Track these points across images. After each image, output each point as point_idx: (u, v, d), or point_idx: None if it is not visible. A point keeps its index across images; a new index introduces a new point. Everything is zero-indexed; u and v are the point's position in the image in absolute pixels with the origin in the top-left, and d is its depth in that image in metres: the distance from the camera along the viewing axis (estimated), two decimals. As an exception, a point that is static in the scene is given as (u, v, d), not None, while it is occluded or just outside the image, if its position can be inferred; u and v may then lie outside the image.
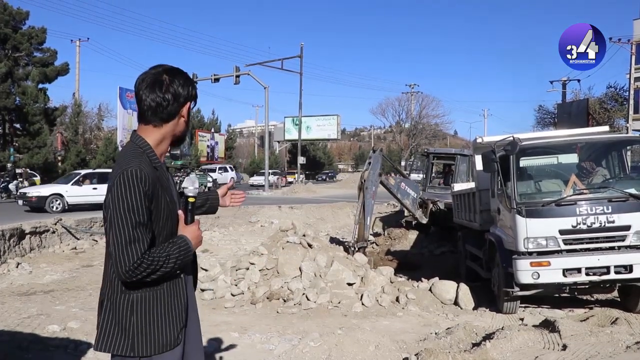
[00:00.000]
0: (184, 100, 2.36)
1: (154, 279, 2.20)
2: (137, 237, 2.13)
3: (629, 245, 7.46)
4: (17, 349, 5.73)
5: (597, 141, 8.75)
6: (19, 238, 13.06)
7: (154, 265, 2.16)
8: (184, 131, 2.44)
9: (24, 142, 39.59)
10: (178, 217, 2.36)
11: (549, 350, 5.61)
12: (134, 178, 2.15)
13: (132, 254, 2.11)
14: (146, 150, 2.31)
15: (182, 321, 2.34)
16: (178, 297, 2.33)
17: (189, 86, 2.38)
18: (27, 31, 40.43)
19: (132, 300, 2.24)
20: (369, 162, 13.47)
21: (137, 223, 2.14)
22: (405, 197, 14.72)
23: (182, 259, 2.26)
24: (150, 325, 2.25)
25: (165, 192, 2.29)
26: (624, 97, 39.70)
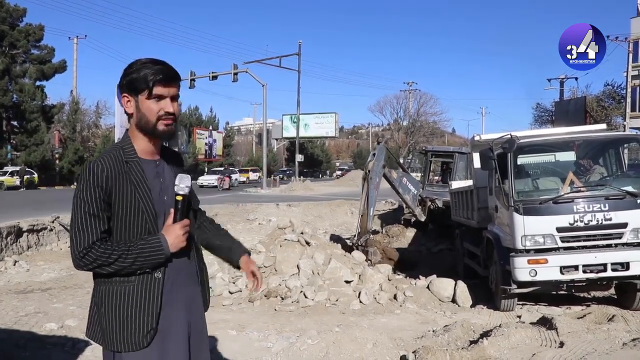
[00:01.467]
0: (121, 92, 2.33)
1: (110, 271, 2.20)
2: (85, 227, 2.17)
3: (625, 243, 7.47)
4: (14, 347, 5.72)
5: (594, 139, 8.76)
6: (16, 236, 13.04)
7: (105, 257, 2.17)
8: (137, 123, 2.32)
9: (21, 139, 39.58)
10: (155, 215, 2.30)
11: (546, 348, 5.62)
12: (88, 171, 2.20)
13: (79, 243, 2.16)
14: (123, 145, 2.32)
15: (149, 324, 2.25)
16: (151, 298, 2.26)
17: (122, 77, 2.31)
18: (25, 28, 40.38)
19: (102, 291, 2.27)
20: (373, 153, 13.62)
21: (86, 213, 2.17)
22: (406, 193, 14.75)
23: (146, 257, 2.22)
24: (116, 320, 2.24)
25: (135, 186, 2.25)
26: (622, 95, 39.76)
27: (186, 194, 2.36)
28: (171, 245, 2.27)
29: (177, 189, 2.34)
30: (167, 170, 2.42)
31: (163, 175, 2.39)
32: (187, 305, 2.41)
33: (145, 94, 2.27)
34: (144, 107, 2.28)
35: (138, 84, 2.26)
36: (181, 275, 2.38)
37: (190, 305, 2.43)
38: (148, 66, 2.27)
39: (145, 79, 2.25)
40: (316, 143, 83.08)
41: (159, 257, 2.25)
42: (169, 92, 2.30)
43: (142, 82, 2.26)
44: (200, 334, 2.49)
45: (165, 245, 2.26)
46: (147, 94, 2.27)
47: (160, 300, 2.28)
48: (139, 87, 2.26)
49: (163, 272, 2.30)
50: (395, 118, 74.48)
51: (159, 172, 2.38)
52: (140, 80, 2.26)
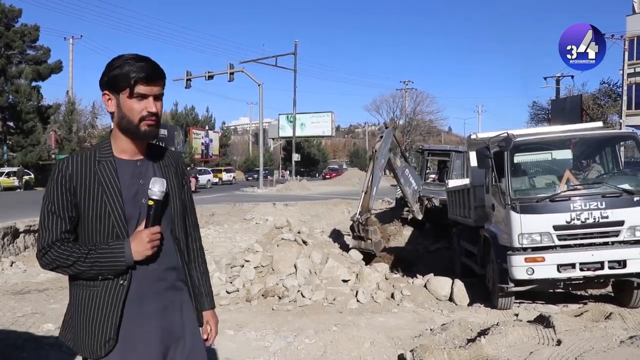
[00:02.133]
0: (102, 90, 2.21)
1: (69, 273, 2.17)
2: (48, 225, 2.13)
3: (622, 241, 7.48)
4: (11, 348, 5.71)
5: (590, 137, 8.77)
6: (12, 237, 13.00)
7: (63, 258, 2.11)
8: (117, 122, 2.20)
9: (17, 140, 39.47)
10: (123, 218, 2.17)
11: (543, 346, 5.63)
12: (55, 169, 2.17)
13: (41, 241, 2.14)
14: (100, 145, 2.25)
15: (108, 333, 2.12)
16: (112, 305, 2.13)
17: (103, 74, 2.18)
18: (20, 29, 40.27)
19: (73, 293, 2.23)
20: (380, 135, 13.94)
21: (49, 212, 2.14)
22: (406, 185, 14.81)
23: (105, 262, 2.11)
24: (79, 325, 2.17)
25: (104, 187, 2.14)
26: (618, 93, 39.92)
27: (159, 199, 2.18)
28: (135, 252, 2.12)
29: (149, 193, 2.18)
30: (153, 171, 2.26)
31: (144, 177, 2.23)
32: (165, 316, 2.23)
33: (127, 93, 2.14)
34: (126, 106, 2.16)
35: (119, 82, 2.13)
36: (155, 284, 2.21)
37: (169, 316, 2.25)
38: (130, 63, 2.14)
39: (127, 77, 2.12)
40: (313, 142, 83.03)
41: (119, 265, 2.12)
42: (152, 91, 2.17)
43: (123, 79, 2.13)
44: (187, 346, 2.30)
45: (128, 253, 2.12)
46: (128, 93, 2.14)
47: (122, 309, 2.14)
48: (120, 85, 2.14)
49: (129, 280, 2.15)
50: (392, 117, 74.47)
51: (137, 173, 2.23)
52: (122, 77, 2.13)
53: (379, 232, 12.45)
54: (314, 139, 79.08)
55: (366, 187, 13.10)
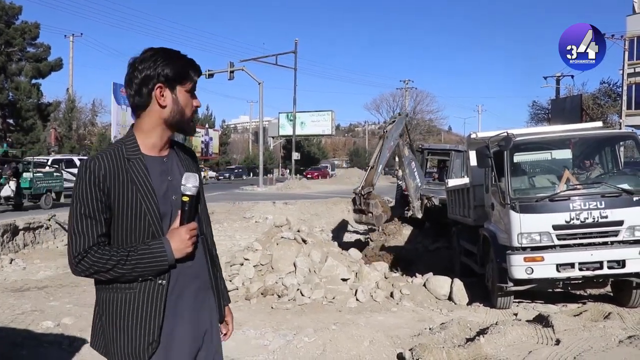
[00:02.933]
0: (150, 83, 2.11)
1: (109, 278, 2.04)
2: (82, 230, 2.01)
3: (621, 241, 7.49)
4: (11, 346, 5.71)
5: (590, 137, 8.78)
6: (12, 234, 13.03)
7: (102, 263, 2.00)
8: (167, 117, 2.15)
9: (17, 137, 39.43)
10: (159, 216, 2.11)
11: (542, 345, 5.64)
12: (84, 169, 2.04)
13: (76, 247, 2.00)
14: (126, 141, 2.14)
15: (151, 335, 2.06)
16: (153, 307, 2.07)
17: (158, 66, 2.11)
18: (20, 26, 40.20)
19: (104, 299, 2.10)
20: (393, 120, 14.23)
21: (83, 215, 2.01)
22: (411, 177, 14.87)
23: (147, 263, 2.04)
24: (116, 330, 2.07)
25: (138, 186, 2.07)
26: (617, 92, 39.94)
27: (193, 195, 2.16)
28: (176, 250, 2.08)
29: (183, 189, 2.15)
30: (177, 167, 2.23)
31: (171, 173, 2.20)
32: (198, 316, 2.22)
33: (187, 87, 2.17)
34: (183, 100, 2.16)
35: (182, 75, 2.15)
36: (190, 283, 2.19)
37: (200, 316, 2.23)
38: (186, 58, 2.18)
39: (188, 71, 2.16)
40: (312, 141, 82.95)
41: (162, 264, 2.07)
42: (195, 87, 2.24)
43: (186, 73, 2.16)
44: (215, 346, 2.31)
45: (169, 251, 2.07)
46: (189, 87, 2.17)
47: (164, 310, 2.09)
48: (182, 79, 2.15)
49: (167, 279, 2.10)
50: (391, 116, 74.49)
51: (165, 169, 2.19)
52: (185, 71, 2.16)
53: (380, 206, 12.62)
54: (314, 138, 78.99)
55: (373, 162, 13.35)
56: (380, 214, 13.03)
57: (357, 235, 18.24)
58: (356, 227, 19.00)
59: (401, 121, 14.48)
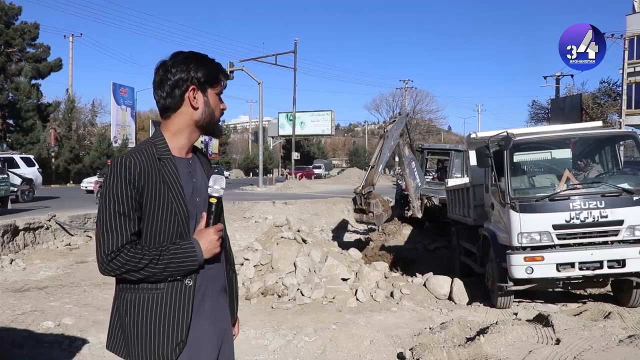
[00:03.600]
0: (183, 85, 2.16)
1: (139, 277, 2.03)
2: (115, 227, 2.00)
3: (621, 240, 7.49)
4: (11, 346, 5.72)
5: (590, 136, 8.78)
6: (12, 234, 13.02)
7: (135, 262, 2.00)
8: (199, 119, 2.20)
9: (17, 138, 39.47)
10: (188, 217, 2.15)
11: (542, 345, 5.64)
12: (119, 166, 2.03)
13: (108, 245, 1.99)
14: (156, 141, 2.17)
15: (179, 335, 2.07)
16: (179, 307, 2.09)
17: (191, 69, 2.16)
18: (20, 27, 40.26)
19: (127, 299, 2.09)
20: (393, 119, 14.31)
21: (117, 212, 2.00)
22: (411, 177, 14.89)
23: (178, 262, 2.05)
24: (142, 332, 2.06)
25: (168, 186, 2.10)
26: (617, 92, 39.97)
27: (220, 197, 2.22)
28: (205, 251, 2.11)
29: (211, 191, 2.20)
30: (199, 170, 2.29)
31: (195, 175, 2.25)
32: (217, 316, 2.25)
33: (217, 90, 2.24)
34: (214, 102, 2.23)
35: (215, 78, 2.22)
36: (212, 283, 2.22)
37: (220, 316, 2.27)
38: (214, 62, 2.24)
39: (219, 74, 2.23)
40: (312, 141, 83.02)
41: (193, 264, 2.09)
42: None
43: (218, 76, 2.23)
44: (230, 346, 2.34)
45: (199, 251, 2.10)
46: (219, 90, 2.25)
47: (191, 309, 2.11)
48: (215, 81, 2.22)
49: (194, 280, 2.13)
50: (392, 116, 74.44)
51: (191, 171, 2.24)
52: (217, 74, 2.23)
53: (380, 205, 12.64)
54: (314, 138, 79.09)
55: (373, 162, 13.45)
56: (380, 214, 13.07)
57: (357, 235, 18.24)
58: (356, 227, 19.00)
59: (402, 121, 14.54)
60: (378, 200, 12.95)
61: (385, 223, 15.06)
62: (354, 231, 19.02)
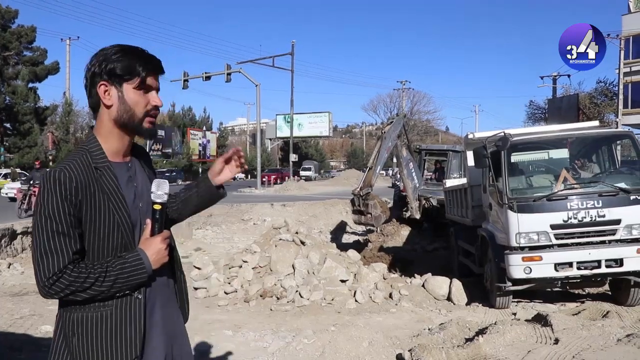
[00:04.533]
0: (94, 82, 1.98)
1: (85, 297, 1.88)
2: (55, 248, 1.83)
3: (619, 239, 7.50)
4: (9, 350, 5.71)
5: (587, 136, 8.79)
6: (10, 238, 12.99)
7: (80, 282, 1.84)
8: (116, 117, 1.99)
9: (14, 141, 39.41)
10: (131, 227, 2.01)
11: (541, 344, 5.65)
12: (52, 181, 1.85)
13: (48, 268, 1.82)
14: (90, 148, 1.98)
15: (133, 352, 1.95)
16: (131, 322, 1.95)
17: (102, 64, 1.97)
18: (17, 30, 40.20)
19: (73, 320, 1.93)
20: (391, 120, 14.42)
21: (55, 232, 1.83)
22: (409, 178, 14.90)
23: (126, 277, 1.91)
24: (93, 352, 1.91)
25: (108, 197, 1.94)
26: (614, 92, 40.02)
27: (165, 202, 2.04)
28: (153, 261, 1.98)
29: (154, 197, 2.03)
30: (140, 172, 2.13)
31: (136, 179, 2.09)
32: (167, 325, 2.12)
33: (135, 83, 1.98)
34: (130, 98, 1.99)
35: (126, 71, 1.96)
36: (161, 292, 2.10)
37: (170, 325, 2.15)
38: (136, 52, 2.01)
39: (136, 66, 1.97)
40: (310, 143, 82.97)
41: (141, 277, 1.95)
42: (155, 84, 2.05)
43: (132, 68, 1.97)
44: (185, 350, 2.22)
45: (147, 262, 1.96)
46: (137, 83, 1.99)
47: (144, 323, 1.99)
48: (127, 74, 1.97)
49: (144, 293, 2.00)
50: (389, 117, 74.38)
51: (131, 175, 2.08)
52: (131, 66, 1.97)
53: (379, 206, 12.71)
54: (312, 139, 79.05)
55: (371, 163, 13.52)
56: (379, 215, 13.12)
57: (355, 237, 18.24)
58: (354, 228, 19.00)
59: (399, 122, 14.60)
60: (376, 202, 13.02)
61: (383, 224, 15.08)
62: (352, 232, 19.03)
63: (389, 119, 15.52)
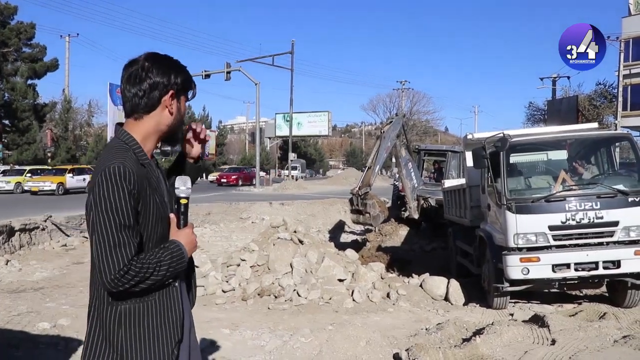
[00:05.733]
0: (163, 89, 2.12)
1: (143, 288, 2.00)
2: (123, 242, 1.93)
3: (617, 241, 7.51)
4: (7, 347, 5.71)
5: (586, 138, 8.81)
6: (8, 235, 12.99)
7: (143, 272, 1.96)
8: (171, 124, 2.18)
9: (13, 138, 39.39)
10: (169, 221, 2.16)
11: (538, 345, 5.66)
12: (117, 176, 1.94)
13: (118, 261, 1.91)
14: (132, 145, 2.10)
15: (177, 335, 2.12)
16: (173, 309, 2.12)
17: (172, 74, 2.13)
18: (16, 26, 40.16)
19: (120, 312, 2.03)
20: (390, 120, 14.44)
21: (122, 226, 1.93)
22: (408, 178, 14.91)
23: (174, 266, 2.06)
24: (141, 340, 2.04)
25: (154, 192, 2.08)
26: (613, 94, 40.04)
27: (189, 197, 2.23)
28: (189, 250, 2.15)
29: (179, 192, 2.20)
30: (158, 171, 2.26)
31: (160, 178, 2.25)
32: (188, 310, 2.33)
33: (189, 96, 2.24)
34: (183, 109, 2.22)
35: (189, 86, 2.21)
36: (186, 281, 2.30)
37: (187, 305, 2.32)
38: (186, 68, 2.22)
39: (192, 83, 2.21)
40: (309, 142, 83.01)
41: (183, 265, 2.12)
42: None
43: (191, 84, 2.21)
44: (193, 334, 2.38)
45: (185, 251, 2.12)
46: (188, 97, 2.23)
47: (182, 308, 2.16)
48: (188, 88, 2.21)
49: (179, 280, 2.18)
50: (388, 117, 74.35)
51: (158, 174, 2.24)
52: (191, 83, 2.21)
53: (377, 206, 12.74)
54: (311, 139, 79.07)
55: (370, 163, 13.54)
56: (377, 214, 13.13)
57: (353, 236, 18.25)
58: (353, 228, 19.00)
59: (398, 122, 14.61)
60: (375, 201, 13.04)
61: (382, 224, 15.08)
62: (350, 232, 19.03)
63: (388, 119, 15.54)
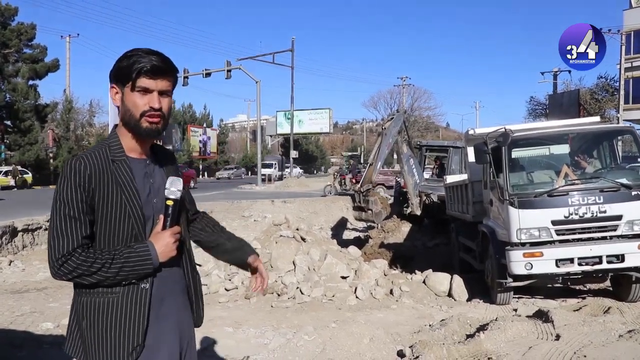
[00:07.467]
0: (111, 84, 2.12)
1: (92, 282, 1.99)
2: (65, 231, 1.96)
3: (620, 235, 7.49)
4: (10, 347, 5.71)
5: (588, 132, 8.78)
6: (11, 235, 12.99)
7: (86, 266, 1.96)
8: (122, 118, 2.12)
9: (15, 139, 39.41)
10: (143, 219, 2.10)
11: (542, 340, 5.64)
12: (69, 169, 2.00)
13: (57, 250, 1.96)
14: (110, 142, 2.12)
15: (135, 340, 2.03)
16: (135, 311, 2.04)
17: (117, 65, 2.09)
18: (17, 27, 40.17)
19: (83, 303, 2.06)
20: (391, 117, 14.47)
21: (67, 216, 1.97)
22: (409, 174, 14.90)
23: (132, 266, 2.01)
24: (97, 336, 2.03)
25: (120, 187, 2.04)
26: (615, 87, 39.96)
27: (177, 199, 2.14)
28: (160, 254, 2.07)
29: (167, 193, 2.14)
30: (158, 170, 2.22)
31: (153, 176, 2.19)
32: (179, 320, 2.22)
33: (130, 86, 2.07)
34: (128, 100, 2.08)
35: (125, 74, 2.06)
36: (171, 286, 2.19)
37: (182, 320, 2.24)
38: (139, 55, 2.07)
39: (130, 69, 2.05)
40: (311, 139, 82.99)
41: (147, 267, 2.05)
42: (156, 85, 2.08)
43: (128, 71, 2.05)
44: (193, 351, 2.31)
45: (154, 254, 2.05)
46: (131, 86, 2.07)
47: (148, 313, 2.07)
48: (125, 77, 2.07)
49: (151, 283, 2.09)
50: (390, 113, 74.33)
51: (148, 172, 2.17)
52: (127, 69, 2.05)
53: (379, 203, 12.78)
54: (312, 136, 79.05)
55: (372, 160, 13.58)
56: (379, 211, 13.16)
57: (356, 233, 18.24)
58: (355, 225, 19.00)
59: (399, 118, 14.61)
60: (377, 198, 13.06)
61: (384, 220, 15.08)
62: (353, 229, 19.02)
63: (390, 115, 15.54)
